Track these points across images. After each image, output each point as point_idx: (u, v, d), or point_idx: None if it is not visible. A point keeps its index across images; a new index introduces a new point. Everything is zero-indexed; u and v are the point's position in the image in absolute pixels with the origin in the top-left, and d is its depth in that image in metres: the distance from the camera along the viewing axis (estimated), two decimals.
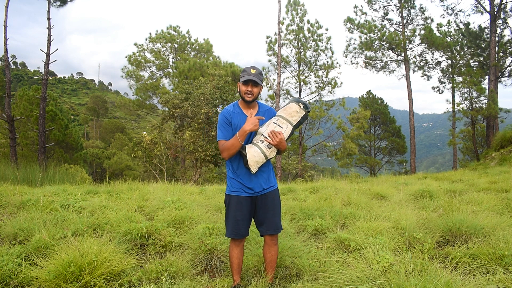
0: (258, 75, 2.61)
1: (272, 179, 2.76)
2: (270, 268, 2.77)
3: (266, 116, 2.74)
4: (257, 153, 2.57)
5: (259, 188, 2.66)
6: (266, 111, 2.77)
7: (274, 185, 2.76)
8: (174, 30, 25.32)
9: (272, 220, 2.68)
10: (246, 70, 2.62)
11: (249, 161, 2.55)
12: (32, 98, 22.76)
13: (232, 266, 2.73)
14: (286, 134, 2.60)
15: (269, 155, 2.60)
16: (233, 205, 2.65)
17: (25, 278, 2.66)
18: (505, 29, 22.37)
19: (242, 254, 2.76)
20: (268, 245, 2.74)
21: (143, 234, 3.53)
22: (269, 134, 2.56)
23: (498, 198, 5.66)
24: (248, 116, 2.65)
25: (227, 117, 2.65)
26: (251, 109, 2.72)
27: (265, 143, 2.58)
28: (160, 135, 14.46)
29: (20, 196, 5.21)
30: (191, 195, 6.38)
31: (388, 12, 23.08)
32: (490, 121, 20.06)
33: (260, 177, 2.67)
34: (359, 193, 6.40)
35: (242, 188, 2.65)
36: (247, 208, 2.66)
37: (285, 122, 2.61)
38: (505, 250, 2.97)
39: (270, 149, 2.59)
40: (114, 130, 55.11)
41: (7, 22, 12.94)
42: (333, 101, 21.81)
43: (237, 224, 2.63)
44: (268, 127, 2.62)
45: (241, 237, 2.68)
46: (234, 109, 2.70)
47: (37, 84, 34.38)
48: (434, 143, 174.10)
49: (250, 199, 2.67)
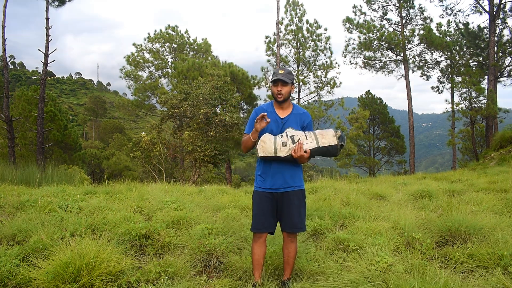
0: (286, 75, 2.66)
1: (297, 179, 2.74)
2: (287, 265, 2.82)
3: (297, 119, 2.75)
4: (270, 142, 2.62)
5: (279, 186, 2.69)
6: (299, 114, 2.78)
7: (298, 186, 2.74)
8: (172, 30, 25.30)
9: (289, 219, 2.69)
10: (275, 71, 2.70)
11: (258, 142, 2.65)
12: (30, 98, 22.71)
13: (252, 262, 2.79)
14: (307, 147, 2.58)
15: (278, 152, 2.61)
16: (255, 200, 2.77)
17: (23, 279, 2.65)
18: (504, 29, 22.41)
19: (262, 251, 2.76)
20: (286, 242, 2.80)
21: (141, 235, 3.52)
22: (297, 142, 2.57)
23: (497, 198, 5.66)
24: (280, 116, 2.74)
25: (257, 114, 2.70)
26: (284, 110, 2.77)
27: (280, 139, 2.61)
28: (159, 136, 14.44)
29: (18, 196, 5.19)
30: (190, 196, 6.37)
31: (387, 12, 23.11)
32: (489, 121, 20.07)
33: (282, 175, 2.69)
34: (358, 193, 6.40)
35: (263, 184, 2.73)
36: (267, 204, 2.71)
37: (313, 138, 2.60)
38: (504, 250, 2.96)
39: (283, 149, 2.59)
40: (113, 131, 55.07)
41: (5, 22, 12.91)
42: (332, 101, 21.82)
43: (256, 218, 2.72)
44: (296, 132, 2.63)
45: (259, 232, 2.73)
46: (267, 108, 2.80)
47: (36, 84, 34.37)
48: (433, 143, 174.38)
49: (271, 195, 2.71)
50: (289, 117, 2.75)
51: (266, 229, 2.74)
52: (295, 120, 2.75)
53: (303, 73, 22.22)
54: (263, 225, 2.72)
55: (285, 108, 2.78)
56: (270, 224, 2.74)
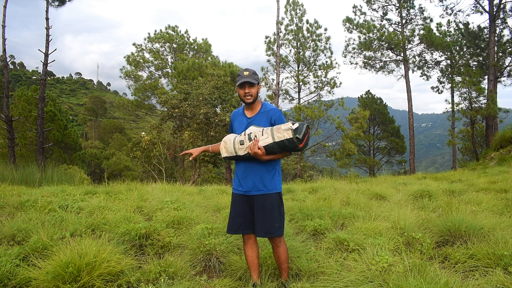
0: (251, 76, 2.64)
1: (269, 182, 2.64)
2: (280, 268, 2.80)
3: (263, 117, 2.69)
4: (230, 142, 2.70)
5: (249, 188, 2.65)
6: (266, 111, 2.71)
7: (271, 189, 2.64)
8: (172, 30, 25.32)
9: (260, 224, 2.61)
10: (240, 74, 2.70)
11: (221, 144, 2.76)
12: (30, 98, 22.72)
13: (247, 264, 2.80)
14: (262, 143, 2.51)
15: (237, 151, 2.63)
16: (232, 201, 2.80)
17: (23, 279, 2.65)
18: (505, 29, 22.42)
19: (254, 252, 2.75)
20: (272, 247, 2.75)
21: (141, 235, 3.52)
22: (253, 139, 2.53)
23: (497, 198, 5.66)
24: (248, 116, 2.75)
25: (231, 119, 2.89)
26: (252, 110, 2.75)
27: (238, 138, 2.65)
28: (159, 136, 14.45)
29: (18, 196, 5.19)
30: (190, 196, 6.37)
31: (387, 12, 23.11)
32: (489, 121, 20.07)
33: (252, 177, 2.65)
34: (358, 193, 6.40)
35: (237, 186, 2.75)
36: (241, 205, 2.70)
37: (269, 134, 2.53)
38: (504, 250, 2.96)
39: (241, 147, 2.61)
40: (113, 131, 55.04)
41: (5, 22, 12.91)
42: (332, 101, 21.81)
43: (231, 219, 2.74)
44: (255, 129, 2.61)
45: (236, 233, 2.76)
46: (238, 111, 2.85)
47: (36, 84, 34.37)
48: (433, 143, 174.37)
49: (245, 197, 2.69)
50: (255, 116, 2.71)
51: (244, 230, 2.69)
52: (262, 118, 2.69)
53: (303, 73, 22.23)
54: (240, 226, 2.68)
55: (254, 108, 2.75)
56: (249, 225, 2.69)
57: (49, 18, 14.13)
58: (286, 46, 22.06)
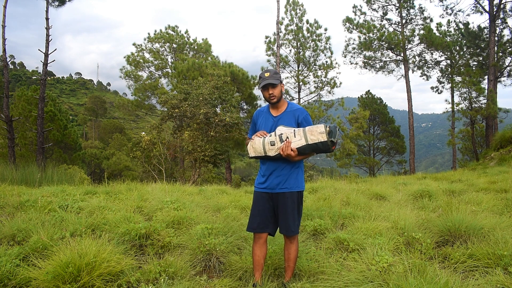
0: (273, 76, 2.68)
1: (292, 181, 2.69)
2: (287, 268, 2.81)
3: (290, 116, 2.73)
4: (259, 141, 2.68)
5: (274, 186, 2.69)
6: (292, 111, 2.76)
7: (294, 188, 2.68)
8: (172, 30, 25.29)
9: (284, 221, 2.68)
10: (261, 76, 2.72)
11: (249, 143, 2.73)
12: (30, 98, 22.71)
13: (253, 263, 2.80)
14: (295, 145, 2.54)
15: (267, 152, 2.63)
16: (253, 199, 2.81)
17: (23, 279, 2.65)
18: (505, 29, 22.42)
19: (262, 252, 2.76)
20: (285, 243, 2.80)
21: (141, 235, 3.52)
22: (285, 141, 2.56)
23: (497, 198, 5.66)
24: (274, 115, 2.79)
25: (254, 118, 2.91)
26: (278, 109, 2.79)
27: (268, 139, 2.64)
28: (159, 136, 14.43)
29: (18, 196, 5.18)
30: (190, 196, 6.37)
31: (387, 12, 23.11)
32: (489, 121, 20.07)
33: (278, 175, 2.69)
34: (358, 193, 6.40)
35: (260, 184, 2.76)
36: (264, 204, 2.72)
37: (302, 136, 2.55)
38: (504, 250, 2.96)
39: (271, 148, 2.60)
40: (113, 131, 55.04)
41: (5, 22, 12.91)
42: (332, 101, 21.83)
43: (251, 218, 2.75)
44: (286, 130, 2.62)
45: (255, 231, 2.74)
46: (263, 109, 2.88)
47: (36, 84, 34.35)
48: (433, 143, 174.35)
49: (268, 195, 2.72)
50: (282, 115, 2.75)
51: (262, 229, 2.72)
52: (288, 117, 2.73)
53: (303, 73, 22.22)
54: (258, 225, 2.71)
55: (280, 107, 2.79)
56: (267, 225, 2.72)
57: (49, 18, 14.13)
58: (286, 46, 22.07)
